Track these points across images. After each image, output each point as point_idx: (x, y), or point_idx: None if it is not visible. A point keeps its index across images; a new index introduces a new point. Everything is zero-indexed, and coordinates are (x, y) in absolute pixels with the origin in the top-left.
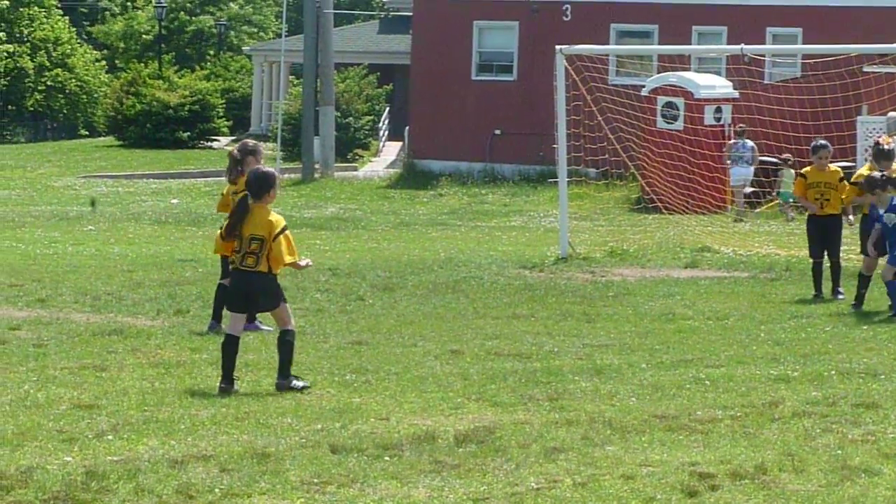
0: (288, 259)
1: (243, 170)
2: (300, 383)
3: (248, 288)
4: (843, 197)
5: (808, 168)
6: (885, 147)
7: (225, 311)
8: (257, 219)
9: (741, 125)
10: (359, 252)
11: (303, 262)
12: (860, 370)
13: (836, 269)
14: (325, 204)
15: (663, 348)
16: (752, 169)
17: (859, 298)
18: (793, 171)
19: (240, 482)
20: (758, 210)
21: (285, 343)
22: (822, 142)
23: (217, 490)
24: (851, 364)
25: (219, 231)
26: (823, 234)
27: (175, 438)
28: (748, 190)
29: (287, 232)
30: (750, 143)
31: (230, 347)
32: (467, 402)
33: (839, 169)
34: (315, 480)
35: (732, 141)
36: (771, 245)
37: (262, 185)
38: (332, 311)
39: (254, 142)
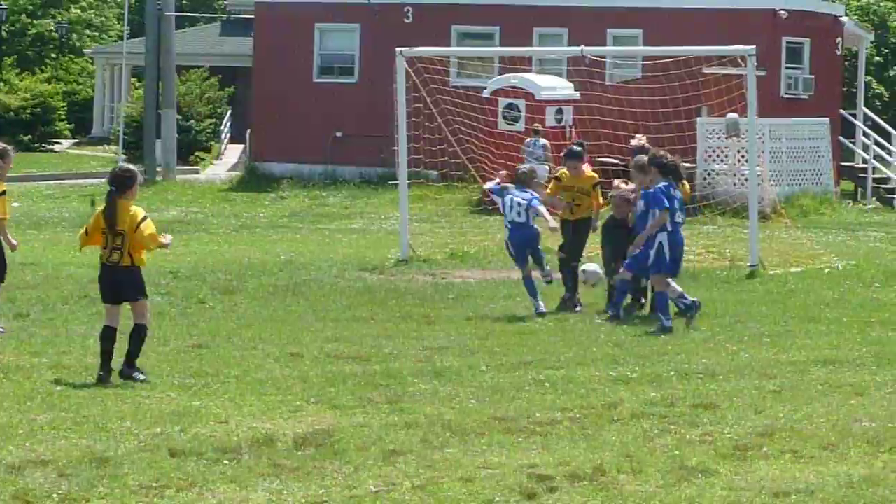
0: (156, 241)
1: None
2: (142, 376)
3: (114, 281)
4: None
5: (563, 171)
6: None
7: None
8: (121, 214)
9: (536, 124)
10: (200, 255)
11: (165, 240)
12: (698, 371)
13: (572, 272)
14: (167, 207)
15: (503, 350)
16: (545, 167)
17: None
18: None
19: (78, 487)
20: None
21: (139, 337)
22: (577, 149)
23: (55, 495)
24: (690, 365)
25: (83, 230)
26: (571, 237)
27: (13, 443)
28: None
29: (148, 219)
30: (543, 141)
31: (108, 338)
32: (306, 404)
33: (595, 175)
34: (154, 484)
35: (527, 139)
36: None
37: (125, 181)
38: (172, 315)
39: (3, 145)
